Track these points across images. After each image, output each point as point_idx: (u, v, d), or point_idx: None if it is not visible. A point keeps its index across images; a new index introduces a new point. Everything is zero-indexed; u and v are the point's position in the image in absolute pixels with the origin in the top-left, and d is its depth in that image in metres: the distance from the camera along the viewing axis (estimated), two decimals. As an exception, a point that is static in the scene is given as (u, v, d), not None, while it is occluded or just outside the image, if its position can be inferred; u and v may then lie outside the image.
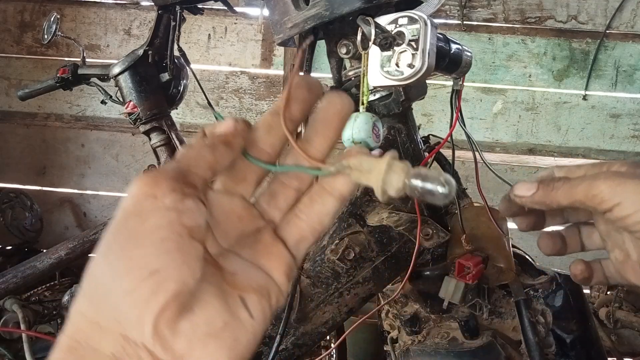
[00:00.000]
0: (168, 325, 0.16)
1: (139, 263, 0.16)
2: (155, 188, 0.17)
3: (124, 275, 0.16)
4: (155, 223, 0.17)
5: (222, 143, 0.20)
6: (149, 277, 0.16)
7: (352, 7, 0.35)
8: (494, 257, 0.44)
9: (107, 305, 0.17)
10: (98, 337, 0.17)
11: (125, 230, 0.17)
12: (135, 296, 0.16)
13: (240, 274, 0.20)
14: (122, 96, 0.90)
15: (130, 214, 0.17)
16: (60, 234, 1.67)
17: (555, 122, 1.56)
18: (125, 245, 0.17)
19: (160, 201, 0.17)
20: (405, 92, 0.39)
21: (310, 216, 0.22)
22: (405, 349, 0.47)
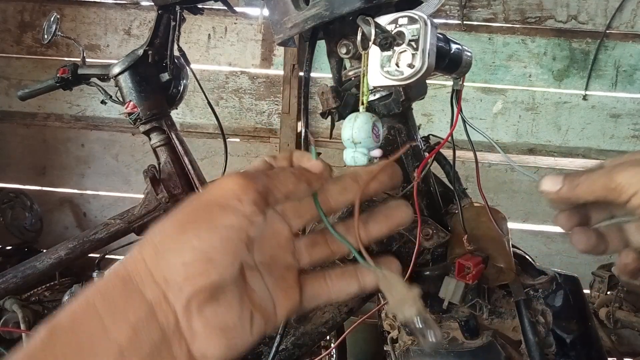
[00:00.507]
0: (197, 304, 0.19)
1: (203, 246, 0.19)
2: (244, 193, 0.20)
3: (189, 250, 0.19)
4: (230, 222, 0.20)
5: (306, 180, 0.23)
6: (205, 261, 0.19)
7: (352, 7, 0.35)
8: (494, 257, 0.44)
9: (165, 264, 0.19)
10: (147, 283, 0.19)
11: (207, 213, 0.20)
12: (187, 269, 0.19)
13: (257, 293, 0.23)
14: (122, 96, 0.90)
15: (216, 203, 0.20)
16: (60, 234, 1.67)
17: (556, 122, 1.56)
18: (200, 226, 0.20)
19: (242, 206, 0.20)
20: (405, 92, 0.39)
21: (334, 287, 0.26)
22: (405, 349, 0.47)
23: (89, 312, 0.19)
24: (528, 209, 1.58)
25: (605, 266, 1.33)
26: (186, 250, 0.19)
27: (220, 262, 0.20)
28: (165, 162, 0.92)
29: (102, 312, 0.19)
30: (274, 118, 1.64)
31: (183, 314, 0.19)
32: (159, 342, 0.19)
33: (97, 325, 0.18)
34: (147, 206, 0.93)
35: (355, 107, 0.38)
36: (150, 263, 0.20)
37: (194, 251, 0.19)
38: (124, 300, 0.19)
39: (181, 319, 0.19)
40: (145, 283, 0.19)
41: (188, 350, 0.20)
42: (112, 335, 0.18)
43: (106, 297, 0.19)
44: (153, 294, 0.19)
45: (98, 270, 0.87)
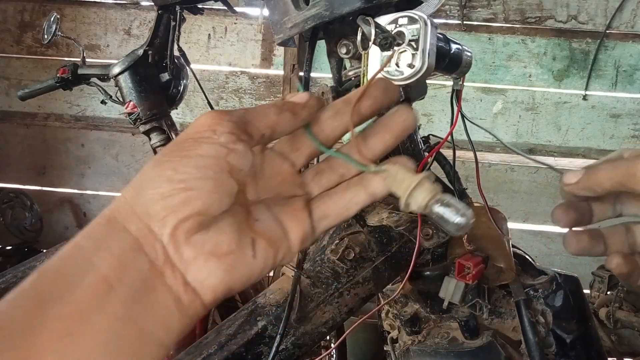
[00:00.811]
0: (184, 233, 0.20)
1: (180, 177, 0.20)
2: (217, 125, 0.21)
3: (165, 181, 0.20)
4: (205, 151, 0.20)
5: (289, 110, 0.23)
6: (183, 190, 0.19)
7: (352, 7, 0.35)
8: (494, 257, 0.44)
9: (145, 198, 0.20)
10: (130, 219, 0.20)
11: (181, 148, 0.20)
12: (167, 201, 0.20)
13: (261, 221, 0.23)
14: (122, 96, 0.90)
15: (189, 137, 0.21)
16: (60, 234, 1.67)
17: (556, 122, 1.56)
18: (175, 159, 0.20)
19: (217, 135, 0.20)
20: (406, 91, 0.39)
21: (340, 200, 0.25)
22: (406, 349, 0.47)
23: (74, 251, 0.19)
24: (528, 209, 1.58)
25: (605, 266, 1.33)
26: (163, 182, 0.20)
27: (201, 190, 0.20)
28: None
29: (87, 249, 0.19)
30: (274, 118, 1.64)
31: (170, 244, 0.20)
32: (148, 272, 0.19)
33: (82, 261, 0.19)
34: (147, 206, 0.93)
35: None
36: (131, 200, 0.20)
37: (170, 182, 0.19)
38: (108, 235, 0.19)
39: (169, 249, 0.20)
40: (129, 219, 0.20)
41: (183, 279, 0.20)
42: (96, 267, 0.19)
43: (91, 235, 0.20)
44: (137, 227, 0.20)
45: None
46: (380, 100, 0.24)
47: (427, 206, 0.22)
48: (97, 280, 0.18)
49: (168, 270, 0.20)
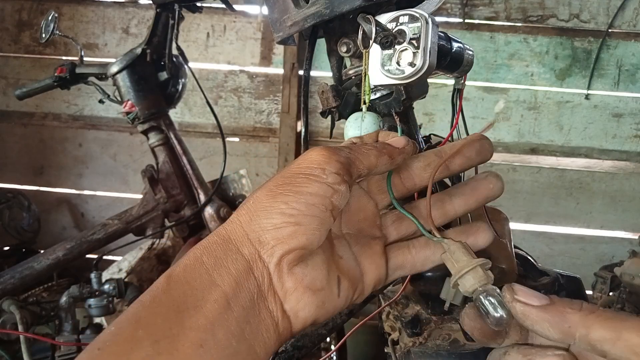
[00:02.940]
0: (288, 264, 0.22)
1: (291, 212, 0.22)
2: (326, 164, 0.22)
3: (278, 214, 0.22)
4: (314, 190, 0.22)
5: (388, 154, 0.25)
6: (293, 224, 0.21)
7: (352, 5, 0.35)
8: (496, 258, 0.43)
9: (258, 226, 0.22)
10: (243, 243, 0.22)
11: (293, 183, 0.22)
12: (278, 232, 0.22)
13: (344, 259, 0.25)
14: (120, 95, 0.90)
15: (301, 172, 0.23)
16: (58, 235, 1.66)
17: (558, 121, 1.55)
18: (288, 194, 0.22)
19: (325, 175, 0.22)
20: (407, 91, 0.39)
21: (418, 256, 0.27)
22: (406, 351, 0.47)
23: (197, 265, 0.21)
24: (530, 210, 1.58)
25: (607, 267, 1.33)
26: (275, 214, 0.22)
27: (307, 226, 0.22)
28: (164, 161, 0.92)
29: (209, 265, 0.21)
30: (273, 117, 1.63)
31: (275, 272, 0.21)
32: (257, 295, 0.21)
33: (206, 276, 0.21)
34: (145, 206, 0.92)
35: (356, 106, 0.38)
36: (246, 225, 0.22)
37: (282, 215, 0.21)
38: (226, 255, 0.21)
39: (274, 276, 0.22)
40: (242, 242, 0.22)
41: (282, 307, 0.22)
42: (218, 285, 0.20)
43: (211, 253, 0.21)
44: (249, 251, 0.21)
45: (96, 270, 0.86)
46: (472, 161, 0.26)
47: (473, 293, 0.23)
48: (220, 296, 0.20)
49: (270, 296, 0.22)
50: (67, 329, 0.81)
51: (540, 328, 0.21)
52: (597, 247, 1.58)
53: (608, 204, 1.55)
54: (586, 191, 1.56)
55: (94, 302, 0.82)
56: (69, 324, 0.81)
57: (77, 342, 0.80)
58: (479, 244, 0.27)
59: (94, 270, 0.86)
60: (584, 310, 0.20)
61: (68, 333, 0.81)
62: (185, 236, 0.94)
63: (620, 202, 1.54)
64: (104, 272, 0.95)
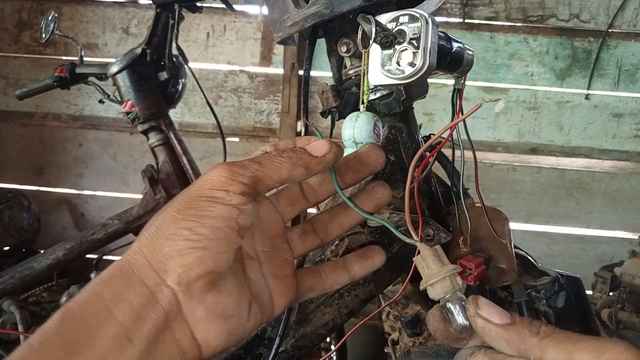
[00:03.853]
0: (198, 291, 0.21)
1: (196, 237, 0.21)
2: (230, 185, 0.21)
3: (182, 240, 0.21)
4: (218, 212, 0.21)
5: (304, 166, 0.23)
6: (198, 250, 0.21)
7: (352, 5, 0.35)
8: (496, 258, 0.43)
9: (162, 254, 0.21)
10: (146, 273, 0.21)
11: (196, 206, 0.21)
12: (183, 259, 0.21)
13: (254, 282, 0.24)
14: (120, 95, 0.90)
15: (204, 195, 0.21)
16: (58, 235, 1.66)
17: (558, 121, 1.55)
18: (192, 219, 0.21)
19: (230, 197, 0.21)
20: (407, 91, 0.39)
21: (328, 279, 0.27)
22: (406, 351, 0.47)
23: (95, 299, 0.20)
24: (530, 210, 1.58)
25: (607, 267, 1.33)
26: (179, 241, 0.21)
27: (213, 250, 0.21)
28: (164, 161, 0.92)
29: (107, 298, 0.20)
30: (273, 117, 1.63)
31: (185, 300, 0.21)
32: (162, 325, 0.20)
33: (103, 310, 0.20)
34: (145, 206, 0.92)
35: (356, 106, 0.38)
36: (149, 255, 0.21)
37: (187, 241, 0.21)
38: (126, 287, 0.20)
39: (183, 304, 0.21)
40: (146, 273, 0.21)
41: (192, 335, 0.21)
42: (117, 318, 0.20)
43: (110, 285, 0.21)
44: (154, 282, 0.21)
45: (96, 271, 0.86)
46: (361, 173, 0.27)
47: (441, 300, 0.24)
48: (118, 332, 0.19)
49: (178, 325, 0.21)
50: (67, 329, 0.81)
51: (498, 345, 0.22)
52: (597, 247, 1.58)
53: (608, 204, 1.55)
54: (586, 191, 1.56)
55: (94, 302, 0.82)
56: (69, 324, 0.81)
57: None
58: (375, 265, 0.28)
59: (94, 270, 0.86)
60: (541, 333, 0.21)
61: (68, 333, 0.81)
62: (185, 236, 0.94)
63: (620, 202, 1.54)
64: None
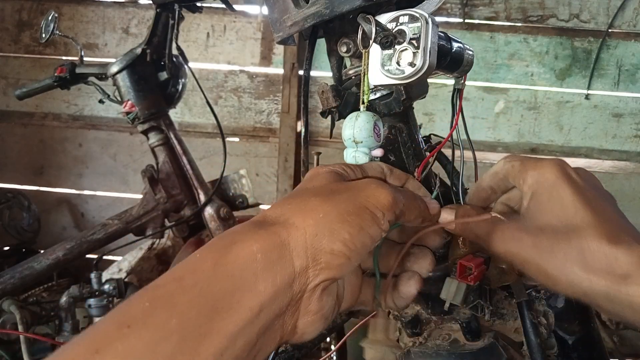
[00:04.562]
0: (321, 290, 0.22)
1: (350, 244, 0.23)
2: (388, 210, 0.24)
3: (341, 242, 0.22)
4: (373, 232, 0.23)
5: (422, 217, 0.27)
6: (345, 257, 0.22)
7: (352, 5, 0.35)
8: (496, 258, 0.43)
9: (320, 245, 0.22)
10: (299, 254, 0.22)
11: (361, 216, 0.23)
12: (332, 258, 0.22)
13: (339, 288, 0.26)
14: (120, 95, 0.90)
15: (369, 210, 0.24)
16: (58, 235, 1.66)
17: (558, 121, 1.55)
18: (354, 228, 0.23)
19: (384, 221, 0.24)
20: (407, 90, 0.39)
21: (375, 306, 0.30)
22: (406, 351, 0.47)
23: (249, 261, 0.21)
24: (528, 209, 1.57)
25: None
26: (338, 241, 0.22)
27: (353, 262, 0.23)
28: (164, 161, 0.92)
29: (259, 265, 0.21)
30: (273, 117, 1.63)
31: (310, 292, 0.22)
32: (285, 307, 0.22)
33: (252, 277, 0.20)
34: (145, 206, 0.92)
35: (356, 106, 0.38)
36: (309, 237, 0.22)
37: (343, 245, 0.22)
38: (278, 259, 0.21)
39: (306, 295, 0.22)
40: (299, 253, 0.22)
41: (295, 323, 0.23)
42: (259, 291, 0.20)
43: (266, 252, 0.21)
44: (300, 264, 0.22)
45: (96, 270, 0.86)
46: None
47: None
48: (256, 305, 0.20)
49: (292, 311, 0.22)
50: (67, 329, 0.81)
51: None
52: (597, 247, 1.58)
53: (608, 204, 1.54)
54: (586, 191, 1.56)
55: (94, 302, 0.82)
56: (69, 324, 0.81)
57: (77, 342, 0.79)
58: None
59: (94, 270, 0.86)
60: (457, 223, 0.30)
61: (68, 333, 0.81)
62: (185, 236, 0.94)
63: (620, 202, 1.53)
64: (104, 272, 0.95)
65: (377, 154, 0.35)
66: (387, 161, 0.39)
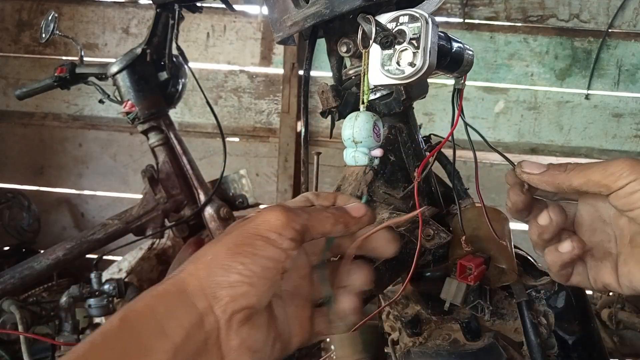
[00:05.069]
0: (237, 322, 0.23)
1: (247, 272, 0.23)
2: (284, 229, 0.24)
3: (236, 273, 0.23)
4: (270, 254, 0.24)
5: (344, 223, 0.26)
6: (247, 285, 0.23)
7: (352, 5, 0.35)
8: (496, 258, 0.43)
9: (214, 281, 0.23)
10: (198, 296, 0.23)
11: (252, 244, 0.24)
12: (233, 290, 0.23)
13: (279, 321, 0.26)
14: (120, 95, 0.90)
15: (260, 235, 0.24)
16: (58, 235, 1.66)
17: (558, 121, 1.55)
18: (247, 256, 0.23)
19: (281, 241, 0.24)
20: (407, 91, 0.39)
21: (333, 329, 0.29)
22: (406, 351, 0.47)
23: (150, 311, 0.22)
24: (529, 209, 1.57)
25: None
26: (233, 273, 0.23)
27: (259, 287, 0.23)
28: (164, 161, 0.92)
29: (161, 312, 0.22)
30: (273, 117, 1.63)
31: (224, 328, 0.23)
32: (202, 348, 0.22)
33: (156, 324, 0.22)
34: (145, 206, 0.92)
35: (356, 106, 0.38)
36: (203, 279, 0.23)
37: (239, 275, 0.23)
38: (179, 305, 0.22)
39: (222, 332, 0.23)
40: (197, 295, 0.23)
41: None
42: (169, 335, 0.22)
43: (164, 300, 0.23)
44: (203, 305, 0.22)
45: (96, 270, 0.86)
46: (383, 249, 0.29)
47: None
48: (169, 347, 0.21)
49: (214, 350, 0.23)
50: (67, 329, 0.81)
51: (542, 187, 0.30)
52: (597, 247, 1.58)
53: (608, 204, 1.55)
54: (586, 191, 1.56)
55: (94, 302, 0.82)
56: (69, 324, 0.81)
57: (77, 342, 0.79)
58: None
59: (94, 270, 0.86)
60: (567, 169, 0.29)
61: (68, 333, 0.81)
62: (185, 236, 0.94)
63: (620, 202, 1.54)
64: (104, 272, 0.95)
65: (377, 154, 0.35)
66: (387, 161, 0.39)
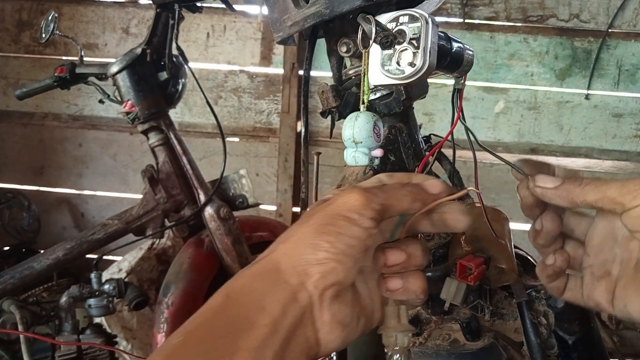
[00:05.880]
0: (329, 297, 0.24)
1: (334, 250, 0.24)
2: (364, 209, 0.25)
3: (323, 251, 0.24)
4: (354, 233, 0.25)
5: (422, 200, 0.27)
6: (335, 262, 0.24)
7: (352, 5, 0.35)
8: (496, 258, 0.43)
9: (305, 260, 0.24)
10: (290, 273, 0.24)
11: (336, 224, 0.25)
12: (322, 267, 0.24)
13: (362, 297, 0.27)
14: (120, 95, 0.90)
15: (342, 215, 0.25)
16: (58, 235, 1.66)
17: (558, 121, 1.55)
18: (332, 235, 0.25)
19: (363, 220, 0.25)
20: (407, 91, 0.39)
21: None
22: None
23: (250, 288, 0.24)
24: (529, 209, 1.58)
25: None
26: (321, 251, 0.24)
27: (346, 264, 0.24)
28: (164, 161, 0.92)
29: (260, 289, 0.24)
30: (273, 117, 1.63)
31: (317, 303, 0.24)
32: (299, 321, 0.24)
33: (257, 300, 0.24)
34: (145, 206, 0.92)
35: (356, 106, 0.38)
36: (293, 257, 0.25)
37: (326, 252, 0.24)
38: (275, 283, 0.24)
39: (315, 307, 0.24)
40: (290, 273, 0.24)
41: (316, 335, 0.24)
42: (267, 310, 0.23)
43: (262, 278, 0.24)
44: (295, 282, 0.24)
45: (96, 270, 0.86)
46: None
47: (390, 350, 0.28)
48: (269, 321, 0.23)
49: (309, 324, 0.24)
50: (67, 329, 0.81)
51: (555, 202, 0.29)
52: (597, 247, 1.58)
53: (608, 204, 1.55)
54: (586, 191, 1.56)
55: (94, 302, 0.82)
56: (69, 324, 0.81)
57: (77, 342, 0.80)
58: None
59: (94, 270, 0.86)
60: (582, 184, 0.28)
61: (68, 333, 0.81)
62: (185, 236, 0.95)
63: (620, 202, 1.54)
64: (104, 272, 0.95)
65: (377, 154, 0.35)
66: (387, 161, 0.39)
